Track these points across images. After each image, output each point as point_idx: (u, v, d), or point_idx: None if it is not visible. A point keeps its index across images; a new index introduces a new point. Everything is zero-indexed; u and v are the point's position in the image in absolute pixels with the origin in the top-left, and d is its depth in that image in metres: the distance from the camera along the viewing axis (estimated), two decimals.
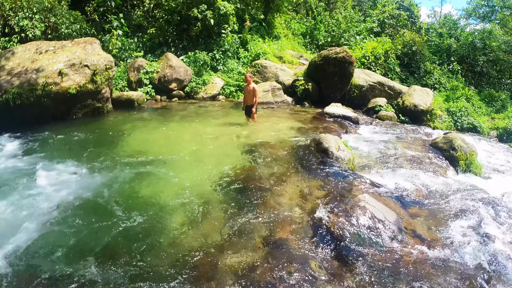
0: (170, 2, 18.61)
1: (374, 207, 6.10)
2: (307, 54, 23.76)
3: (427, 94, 15.89)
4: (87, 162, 7.92)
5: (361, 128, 12.32)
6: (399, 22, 27.57)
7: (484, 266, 5.11)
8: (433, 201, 7.10)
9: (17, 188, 6.54)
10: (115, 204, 6.16)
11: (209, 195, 6.56)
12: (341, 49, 15.95)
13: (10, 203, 5.97)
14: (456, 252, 5.36)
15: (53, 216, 5.66)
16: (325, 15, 27.81)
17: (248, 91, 11.49)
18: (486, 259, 5.25)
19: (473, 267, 5.06)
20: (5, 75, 11.08)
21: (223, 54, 18.32)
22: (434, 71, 22.71)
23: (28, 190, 6.45)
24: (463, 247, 5.51)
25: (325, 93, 16.25)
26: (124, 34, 17.10)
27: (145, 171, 7.56)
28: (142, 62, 16.11)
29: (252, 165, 7.97)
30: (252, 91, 11.35)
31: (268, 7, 22.96)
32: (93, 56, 12.35)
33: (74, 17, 16.05)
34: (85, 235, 5.27)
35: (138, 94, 14.36)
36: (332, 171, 7.75)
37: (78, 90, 11.54)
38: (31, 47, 12.35)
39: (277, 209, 6.14)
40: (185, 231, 5.46)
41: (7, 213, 5.74)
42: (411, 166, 8.85)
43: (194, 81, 16.73)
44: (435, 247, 5.45)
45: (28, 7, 14.44)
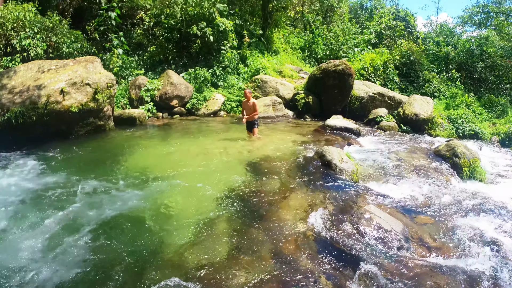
0: (170, 20, 18.83)
1: (380, 218, 6.12)
2: (306, 68, 23.94)
3: (427, 102, 15.99)
4: (92, 180, 7.93)
5: (363, 139, 12.36)
6: (396, 33, 27.82)
7: (493, 273, 5.11)
8: (438, 209, 7.12)
9: (26, 207, 6.54)
10: (119, 218, 6.20)
11: (213, 210, 6.55)
12: (340, 61, 16.09)
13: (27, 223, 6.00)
14: (464, 260, 5.35)
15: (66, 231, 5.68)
16: (322, 29, 28.07)
17: (249, 107, 11.54)
18: (495, 266, 5.25)
19: (482, 275, 5.05)
20: (7, 94, 11.18)
21: (223, 70, 18.49)
22: (433, 79, 22.83)
23: (32, 209, 6.42)
24: (471, 255, 5.51)
25: (325, 105, 16.35)
26: (125, 52, 17.30)
27: (149, 187, 7.58)
28: (143, 80, 16.26)
29: (255, 179, 7.97)
30: (252, 107, 11.40)
31: (266, 22, 23.22)
32: (94, 74, 12.45)
33: (75, 36, 16.27)
34: (90, 249, 5.27)
35: (140, 112, 14.44)
36: (336, 183, 7.77)
37: (80, 108, 11.62)
38: (33, 66, 12.48)
39: (282, 223, 6.13)
40: (190, 246, 5.44)
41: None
42: (415, 175, 8.89)
43: (195, 98, 16.89)
44: (443, 256, 5.46)
45: (30, 27, 14.65)
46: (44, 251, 5.23)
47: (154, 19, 19.91)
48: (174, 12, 18.55)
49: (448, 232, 6.15)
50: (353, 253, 5.34)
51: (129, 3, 19.23)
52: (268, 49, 22.83)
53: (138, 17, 20.92)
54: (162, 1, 19.33)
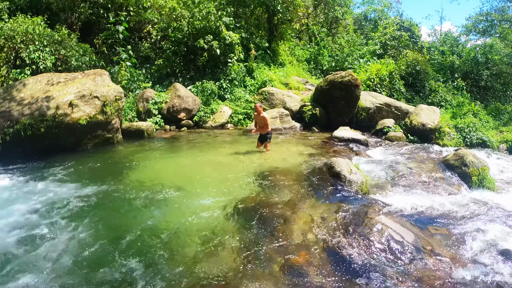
0: (177, 33, 19.03)
1: (391, 229, 6.16)
2: (313, 80, 24.05)
3: (434, 112, 16.02)
4: (100, 192, 8.02)
5: (371, 150, 12.39)
6: (401, 43, 27.93)
7: (507, 282, 5.13)
8: (448, 219, 7.13)
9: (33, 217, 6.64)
10: (129, 231, 6.24)
11: (223, 222, 6.60)
12: (347, 72, 16.17)
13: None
14: (477, 270, 5.36)
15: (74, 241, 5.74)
16: (328, 40, 28.25)
17: (260, 120, 11.59)
18: (508, 275, 5.28)
19: (496, 285, 5.08)
20: (17, 106, 11.30)
21: (230, 82, 18.60)
22: (439, 89, 22.91)
23: (39, 223, 6.45)
24: (483, 264, 5.52)
25: (333, 117, 16.42)
26: (133, 65, 17.51)
27: (159, 199, 7.65)
28: (151, 93, 16.40)
29: (264, 191, 8.01)
30: (263, 119, 11.47)
31: (272, 35, 23.42)
32: (102, 87, 12.58)
33: (83, 49, 16.47)
34: (100, 260, 5.34)
35: (148, 125, 14.52)
36: (345, 195, 7.81)
37: (88, 121, 11.73)
38: (42, 78, 12.62)
39: (292, 235, 6.15)
40: (200, 258, 5.47)
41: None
42: (424, 185, 8.91)
43: (202, 110, 16.99)
44: (455, 266, 5.46)
45: (39, 40, 14.84)
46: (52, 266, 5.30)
47: (161, 32, 20.16)
48: (181, 26, 18.76)
49: (459, 242, 6.17)
50: (365, 265, 5.36)
51: (137, 17, 19.44)
52: (274, 62, 22.99)
53: (145, 31, 21.18)
54: (169, 15, 19.52)
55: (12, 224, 6.54)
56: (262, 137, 11.63)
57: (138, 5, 19.24)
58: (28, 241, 5.95)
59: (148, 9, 19.60)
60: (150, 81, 18.36)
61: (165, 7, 19.45)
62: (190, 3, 18.93)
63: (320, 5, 31.66)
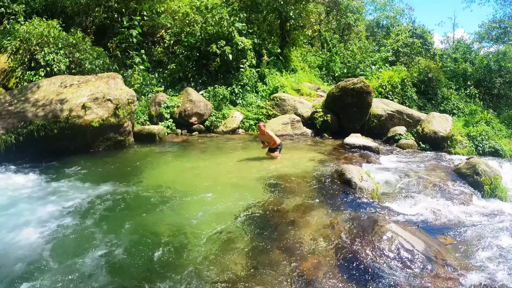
0: (190, 38, 19.15)
1: (401, 237, 6.14)
2: (324, 86, 24.05)
3: (446, 120, 15.93)
4: (111, 194, 8.11)
5: (382, 157, 12.35)
6: (413, 50, 27.82)
7: None
8: (459, 228, 7.09)
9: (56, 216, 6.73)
10: (139, 232, 6.32)
11: (232, 226, 6.62)
12: (359, 79, 16.16)
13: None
14: (488, 280, 5.32)
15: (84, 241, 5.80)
16: (340, 47, 28.23)
17: (266, 138, 11.48)
18: None
19: None
20: (31, 107, 11.43)
21: (241, 88, 18.63)
22: (451, 96, 22.77)
23: (50, 224, 6.53)
24: (495, 275, 5.48)
25: (344, 124, 16.40)
26: (146, 69, 17.63)
27: (168, 202, 7.70)
28: (163, 97, 16.53)
29: (275, 197, 8.02)
30: (268, 137, 11.35)
31: (284, 41, 23.47)
32: (115, 90, 12.70)
33: (97, 52, 16.65)
34: (108, 263, 5.38)
35: (159, 128, 14.61)
36: (356, 202, 7.82)
37: (101, 123, 11.83)
38: (56, 80, 12.77)
39: (302, 240, 6.15)
40: (209, 262, 5.48)
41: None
42: (436, 193, 8.88)
43: (214, 115, 17.06)
44: (466, 276, 5.42)
45: (54, 43, 15.10)
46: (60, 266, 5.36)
47: (174, 37, 20.31)
48: (194, 31, 18.88)
49: (470, 252, 6.14)
50: (375, 273, 5.35)
51: (150, 22, 19.60)
52: (286, 68, 23.02)
53: (158, 35, 21.37)
54: (182, 20, 19.66)
55: (28, 222, 6.66)
56: (272, 150, 11.58)
57: (152, 10, 19.42)
58: (49, 238, 6.06)
59: (161, 14, 19.78)
60: (163, 85, 18.51)
61: (179, 12, 19.58)
62: (203, 8, 19.03)
63: (333, 11, 31.69)
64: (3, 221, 6.72)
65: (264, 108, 17.78)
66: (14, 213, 7.09)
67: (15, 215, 7.01)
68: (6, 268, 5.26)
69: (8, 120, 10.98)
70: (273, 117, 17.19)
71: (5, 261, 5.44)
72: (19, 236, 6.14)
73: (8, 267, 5.29)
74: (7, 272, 5.18)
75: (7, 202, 7.67)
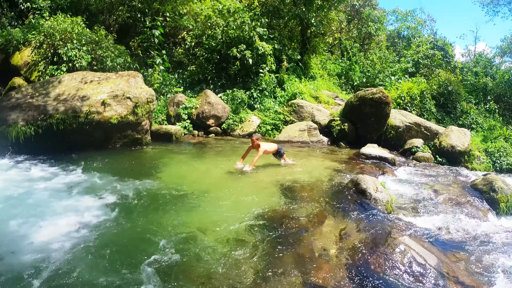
0: (211, 41, 19.30)
1: (414, 250, 6.10)
2: (343, 95, 23.99)
3: (464, 134, 15.77)
4: (125, 190, 8.28)
5: (398, 169, 12.28)
6: (434, 62, 27.61)
7: None
8: (473, 245, 7.01)
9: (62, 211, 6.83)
10: (149, 231, 6.38)
11: (244, 232, 6.62)
12: (378, 89, 16.11)
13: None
14: None
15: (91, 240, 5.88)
16: (360, 56, 28.18)
17: (262, 151, 10.99)
18: None
19: None
20: (52, 101, 11.66)
21: (260, 93, 18.70)
22: (471, 110, 22.57)
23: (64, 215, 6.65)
24: None
25: (361, 133, 16.35)
26: (166, 69, 17.82)
27: (181, 202, 7.78)
28: (182, 98, 16.69)
29: (287, 203, 8.03)
30: (263, 151, 11.01)
31: (305, 48, 23.51)
32: (135, 89, 12.88)
33: (119, 51, 16.92)
34: (120, 262, 5.41)
35: (177, 128, 14.81)
36: (370, 213, 7.78)
37: (119, 120, 12.04)
38: (77, 76, 13.00)
39: (314, 249, 6.14)
40: (219, 266, 5.47)
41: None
42: (450, 208, 8.80)
43: (231, 118, 17.16)
44: None
45: (77, 39, 15.42)
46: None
47: (195, 39, 20.48)
48: (215, 34, 19.06)
49: (484, 271, 6.06)
50: (386, 285, 5.33)
51: (173, 23, 19.82)
52: (305, 74, 23.05)
53: (180, 36, 21.55)
54: (204, 23, 19.85)
55: (43, 214, 6.79)
56: (276, 155, 11.52)
57: (175, 12, 19.64)
58: (64, 232, 6.17)
59: (184, 15, 19.97)
60: (182, 86, 18.66)
61: (201, 15, 19.79)
62: (226, 12, 19.19)
63: (354, 20, 31.68)
64: (18, 212, 6.85)
65: (281, 114, 17.81)
66: (30, 205, 7.25)
67: (31, 206, 7.16)
68: (17, 260, 5.34)
69: (29, 112, 11.23)
70: (290, 123, 17.22)
71: (18, 252, 5.53)
72: (33, 228, 6.25)
73: (20, 259, 5.36)
74: (18, 264, 5.25)
75: (24, 193, 7.85)
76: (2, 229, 6.22)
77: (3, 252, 5.51)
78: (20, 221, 6.45)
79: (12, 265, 5.19)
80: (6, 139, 10.68)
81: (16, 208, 7.04)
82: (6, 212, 6.89)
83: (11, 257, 5.40)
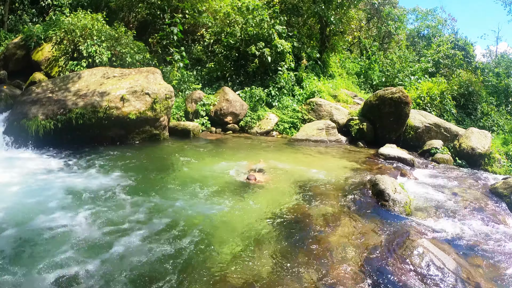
0: (229, 38, 19.32)
1: (432, 254, 6.02)
2: (361, 94, 23.83)
3: (485, 136, 15.50)
4: (143, 185, 8.39)
5: (417, 170, 12.12)
6: (454, 62, 27.25)
7: None
8: (493, 250, 6.89)
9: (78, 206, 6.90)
10: (162, 227, 6.42)
11: (259, 229, 6.62)
12: (397, 89, 15.93)
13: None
14: None
15: None
16: (379, 55, 27.92)
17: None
18: None
19: None
20: (71, 96, 11.83)
21: (278, 90, 18.66)
22: (492, 112, 22.23)
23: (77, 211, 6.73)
24: None
25: (379, 133, 16.18)
26: (184, 66, 17.88)
27: (198, 199, 7.82)
28: (200, 94, 16.76)
29: (304, 202, 8.01)
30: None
31: (324, 46, 23.38)
32: (154, 85, 12.99)
33: (138, 47, 17.11)
34: (133, 256, 5.44)
35: (194, 125, 14.86)
36: (388, 214, 7.72)
37: (138, 116, 12.14)
38: (97, 72, 13.18)
39: (330, 249, 6.09)
40: (233, 263, 5.47)
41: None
42: (469, 212, 8.67)
43: (249, 116, 17.17)
44: None
45: (97, 35, 15.61)
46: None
47: (214, 36, 20.51)
48: (234, 31, 19.05)
49: (503, 277, 5.95)
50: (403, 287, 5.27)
51: (192, 20, 19.84)
52: (324, 73, 22.92)
53: (199, 34, 21.61)
54: (223, 20, 19.87)
55: (60, 206, 6.93)
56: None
57: (194, 9, 19.66)
58: (78, 222, 6.27)
59: (203, 13, 19.99)
60: (200, 83, 18.72)
61: (220, 12, 19.80)
62: (245, 9, 19.16)
63: (373, 18, 31.43)
64: (35, 203, 6.99)
65: (299, 112, 17.76)
66: (48, 196, 7.39)
67: (48, 197, 7.31)
68: (31, 249, 5.43)
69: (49, 106, 11.39)
70: (308, 121, 17.14)
71: (31, 242, 5.63)
72: (48, 219, 6.37)
73: (34, 249, 5.46)
74: (35, 253, 5.36)
75: (42, 185, 8.03)
76: (20, 219, 6.33)
77: (18, 241, 5.64)
78: (36, 212, 6.57)
79: (26, 255, 5.30)
80: (26, 133, 10.86)
81: (31, 199, 7.18)
82: (23, 202, 7.02)
83: (25, 247, 5.50)
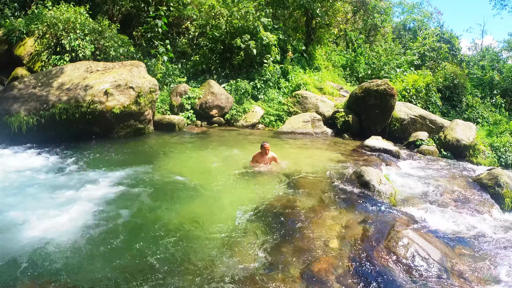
0: (214, 31, 19.11)
1: (417, 244, 6.00)
2: (347, 86, 23.81)
3: (470, 128, 15.57)
4: (126, 179, 8.26)
5: (402, 162, 12.15)
6: (440, 55, 27.36)
7: None
8: (478, 240, 6.92)
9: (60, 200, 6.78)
10: (148, 222, 6.36)
11: (244, 222, 6.57)
12: (383, 81, 15.92)
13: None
14: None
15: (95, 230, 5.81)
16: (365, 48, 27.89)
17: (265, 161, 9.90)
18: None
19: None
20: (54, 91, 11.66)
21: (264, 83, 18.54)
22: (476, 104, 22.36)
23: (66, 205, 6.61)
24: None
25: (365, 125, 16.18)
26: (169, 59, 17.67)
27: (183, 192, 7.76)
28: (185, 88, 16.63)
29: (290, 194, 7.96)
30: (271, 159, 9.98)
31: (310, 38, 23.31)
32: (138, 78, 12.84)
33: (122, 41, 16.94)
34: (118, 250, 5.41)
35: (179, 118, 14.76)
36: (373, 205, 7.68)
37: (122, 110, 11.99)
38: (80, 66, 13.01)
39: (315, 241, 6.06)
40: (218, 256, 5.44)
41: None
42: (454, 203, 8.69)
43: (235, 109, 17.05)
44: None
45: (80, 29, 15.44)
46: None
47: (199, 29, 20.31)
48: (219, 24, 18.88)
49: (488, 266, 5.96)
50: (388, 279, 5.23)
51: (176, 13, 19.63)
52: (310, 65, 22.84)
53: (184, 26, 21.38)
54: (208, 13, 19.69)
55: (45, 204, 6.77)
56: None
57: (178, 1, 19.45)
58: (64, 221, 6.15)
59: (187, 5, 19.77)
60: (185, 76, 18.50)
61: (205, 5, 19.63)
62: (230, 1, 19.00)
63: (360, 11, 31.37)
64: (18, 201, 6.85)
65: (285, 104, 17.69)
66: (30, 194, 7.25)
67: (31, 196, 7.16)
68: (13, 248, 5.32)
69: (31, 102, 11.23)
70: (294, 114, 17.07)
71: (12, 244, 5.48)
72: (31, 216, 6.22)
73: (14, 249, 5.32)
74: (14, 252, 5.24)
75: (25, 182, 7.89)
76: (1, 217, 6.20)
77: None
78: (19, 210, 6.44)
79: (8, 253, 5.18)
80: (9, 130, 10.70)
81: (14, 197, 7.03)
82: (5, 200, 6.87)
83: (8, 244, 5.39)
